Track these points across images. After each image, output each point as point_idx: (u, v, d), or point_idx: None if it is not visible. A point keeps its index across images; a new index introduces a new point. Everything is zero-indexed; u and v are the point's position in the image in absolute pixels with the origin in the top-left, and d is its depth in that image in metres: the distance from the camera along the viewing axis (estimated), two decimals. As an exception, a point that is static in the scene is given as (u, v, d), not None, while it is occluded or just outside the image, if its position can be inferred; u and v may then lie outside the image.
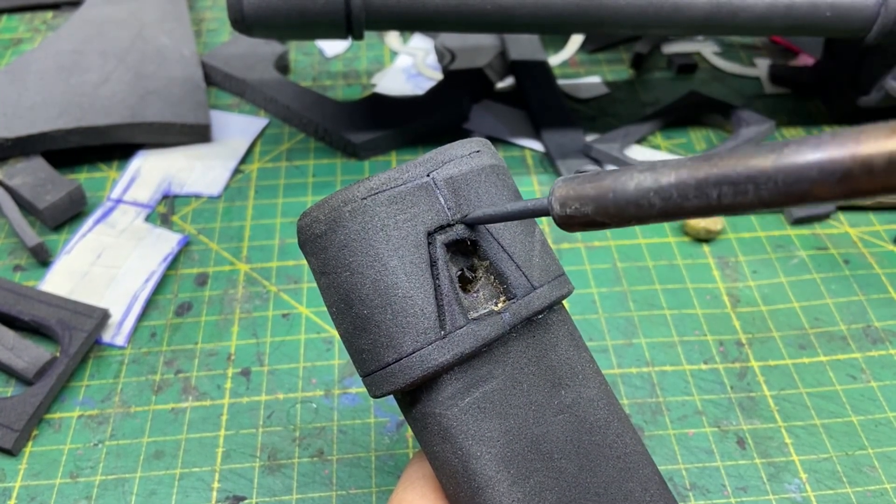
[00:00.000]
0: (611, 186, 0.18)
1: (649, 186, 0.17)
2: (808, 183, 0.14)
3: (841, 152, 0.14)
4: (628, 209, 0.17)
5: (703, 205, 0.16)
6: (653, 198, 0.17)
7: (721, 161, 0.16)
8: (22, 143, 0.48)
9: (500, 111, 0.55)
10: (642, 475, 0.24)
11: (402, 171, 0.23)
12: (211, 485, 0.36)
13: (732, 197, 0.15)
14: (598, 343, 0.41)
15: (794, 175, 0.14)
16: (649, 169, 0.17)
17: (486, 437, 0.22)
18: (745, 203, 0.15)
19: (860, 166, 0.13)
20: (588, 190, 0.18)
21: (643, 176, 0.17)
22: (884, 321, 0.42)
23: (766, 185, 0.15)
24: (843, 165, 0.14)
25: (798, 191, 0.14)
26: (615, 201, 0.17)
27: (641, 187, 0.17)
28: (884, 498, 0.35)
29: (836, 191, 0.14)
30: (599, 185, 0.18)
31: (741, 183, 0.15)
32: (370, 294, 0.22)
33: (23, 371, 0.38)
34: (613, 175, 0.18)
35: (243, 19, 0.41)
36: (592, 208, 0.18)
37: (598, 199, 0.18)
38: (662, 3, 0.43)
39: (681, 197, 0.16)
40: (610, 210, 0.18)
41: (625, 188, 0.17)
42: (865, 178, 0.13)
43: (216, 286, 0.44)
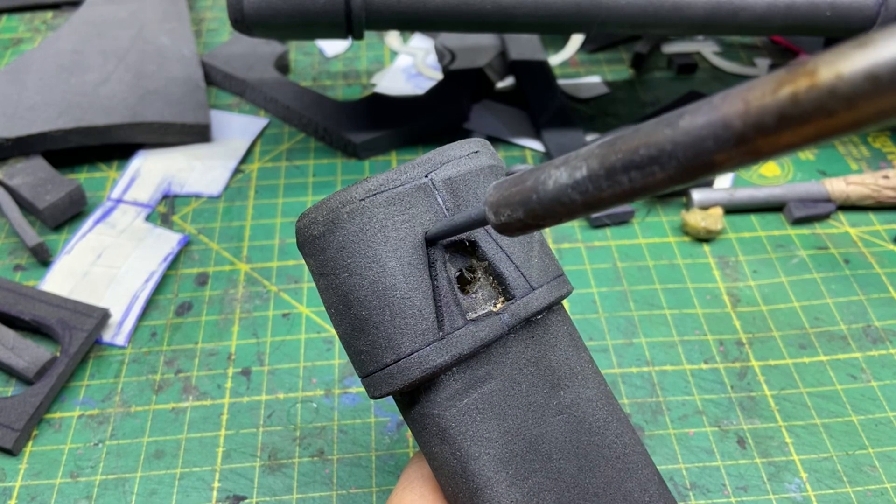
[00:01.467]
0: (533, 187, 0.17)
1: (566, 182, 0.16)
2: (709, 153, 0.13)
3: (730, 115, 0.13)
4: (554, 207, 0.17)
5: (618, 192, 0.15)
6: (572, 193, 0.16)
7: (623, 144, 0.15)
8: (22, 143, 0.48)
9: (500, 111, 0.55)
10: (641, 475, 0.24)
11: (400, 172, 0.23)
12: (211, 484, 0.36)
13: (643, 180, 0.15)
14: (598, 343, 0.41)
15: (693, 148, 0.13)
16: (563, 163, 0.16)
17: (484, 438, 0.22)
18: (656, 183, 0.14)
19: (752, 128, 0.12)
20: (514, 194, 0.18)
21: (559, 172, 0.16)
22: (884, 321, 0.42)
23: (670, 163, 0.14)
24: (735, 129, 0.12)
25: (701, 163, 0.13)
26: (540, 202, 0.17)
27: (559, 184, 0.16)
28: (884, 497, 0.35)
29: (738, 156, 0.13)
30: (523, 188, 0.17)
31: (646, 165, 0.14)
32: (368, 295, 0.22)
33: (23, 371, 0.38)
34: (534, 175, 0.17)
35: (243, 19, 0.41)
36: (523, 212, 0.17)
37: (525, 203, 0.17)
38: (662, 3, 0.43)
39: (596, 188, 0.15)
40: (538, 211, 0.17)
41: (545, 188, 0.17)
42: (761, 139, 0.12)
43: (216, 286, 0.44)
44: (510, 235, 0.19)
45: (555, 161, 0.17)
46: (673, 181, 0.14)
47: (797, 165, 0.51)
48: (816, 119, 0.11)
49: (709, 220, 0.45)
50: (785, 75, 0.12)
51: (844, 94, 0.11)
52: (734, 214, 0.47)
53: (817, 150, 0.52)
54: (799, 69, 0.12)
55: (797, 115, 0.12)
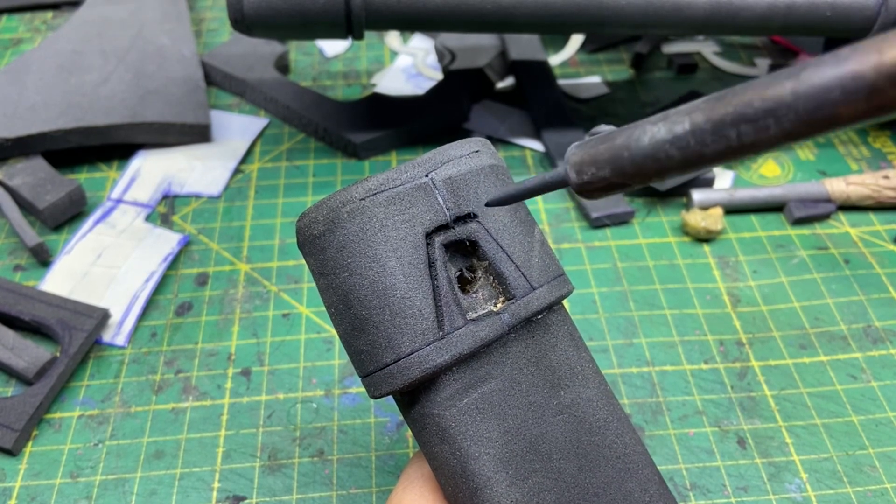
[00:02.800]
0: (625, 144, 0.17)
1: (664, 138, 0.16)
2: (833, 105, 0.13)
3: (863, 65, 0.12)
4: (646, 165, 0.16)
5: (723, 148, 0.15)
6: (669, 149, 0.16)
7: (735, 98, 0.14)
8: (22, 143, 0.48)
9: (500, 111, 0.55)
10: (642, 475, 0.24)
11: (400, 172, 0.23)
12: (211, 485, 0.36)
13: (754, 135, 0.14)
14: (598, 343, 0.41)
15: (817, 99, 0.13)
16: (662, 119, 0.16)
17: (484, 438, 0.22)
18: (768, 139, 0.14)
19: (886, 78, 0.12)
20: (602, 152, 0.17)
21: (656, 128, 0.16)
22: (884, 321, 0.42)
23: (788, 116, 0.14)
24: (867, 80, 0.12)
25: (823, 116, 0.13)
26: (632, 159, 0.16)
27: (656, 140, 0.16)
28: (884, 498, 0.35)
29: (865, 109, 0.13)
30: (612, 145, 0.17)
31: (760, 118, 0.14)
32: (368, 295, 0.22)
33: (23, 371, 0.38)
34: (626, 132, 0.17)
35: (243, 19, 0.41)
36: (610, 170, 0.17)
37: (613, 161, 0.17)
38: (662, 3, 0.43)
39: (698, 143, 0.15)
40: (628, 169, 0.17)
41: (639, 144, 0.16)
42: (894, 90, 0.12)
43: (216, 286, 0.44)
44: (589, 197, 0.18)
45: (651, 118, 0.16)
46: (787, 137, 0.14)
47: (797, 165, 0.51)
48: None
49: (709, 221, 0.45)
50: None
51: None
52: (734, 214, 0.47)
53: (817, 150, 0.52)
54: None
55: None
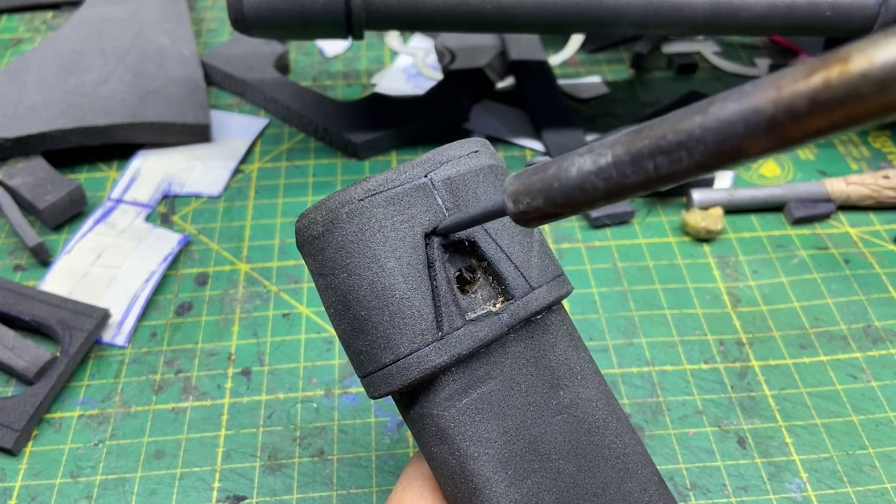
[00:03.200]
0: (555, 175, 0.17)
1: (589, 169, 0.16)
2: (738, 139, 0.13)
3: (762, 100, 0.13)
4: (574, 195, 0.17)
5: (642, 179, 0.15)
6: (595, 180, 0.16)
7: (651, 131, 0.15)
8: (22, 143, 0.48)
9: (500, 111, 0.55)
10: (641, 475, 0.24)
11: (399, 172, 0.23)
12: (211, 484, 0.36)
13: (669, 167, 0.15)
14: (598, 343, 0.41)
15: (722, 133, 0.14)
16: (588, 151, 0.16)
17: (483, 438, 0.22)
18: (682, 171, 0.15)
19: (784, 112, 0.13)
20: (535, 182, 0.18)
21: (583, 159, 0.16)
22: (884, 321, 0.42)
23: (697, 148, 0.14)
24: (766, 114, 0.13)
25: (730, 149, 0.14)
26: (562, 190, 0.17)
27: (583, 171, 0.16)
28: (884, 497, 0.35)
29: (767, 143, 0.13)
30: (544, 175, 0.18)
31: (673, 151, 0.15)
32: (367, 295, 0.22)
33: (23, 371, 0.38)
34: (557, 163, 0.17)
35: (243, 19, 0.41)
36: (542, 200, 0.18)
37: (545, 191, 0.18)
38: (662, 3, 0.43)
39: (620, 175, 0.16)
40: (559, 199, 0.17)
41: (568, 175, 0.17)
42: (792, 125, 0.13)
43: (216, 286, 0.44)
44: (527, 226, 0.19)
45: (579, 150, 0.17)
46: (699, 168, 0.14)
47: (797, 165, 0.51)
48: (848, 103, 0.12)
49: (709, 220, 0.45)
50: (817, 63, 0.12)
51: (876, 79, 0.12)
52: (734, 214, 0.47)
53: (817, 150, 0.52)
54: (831, 57, 0.12)
55: (829, 100, 0.12)
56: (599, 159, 0.16)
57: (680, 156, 0.15)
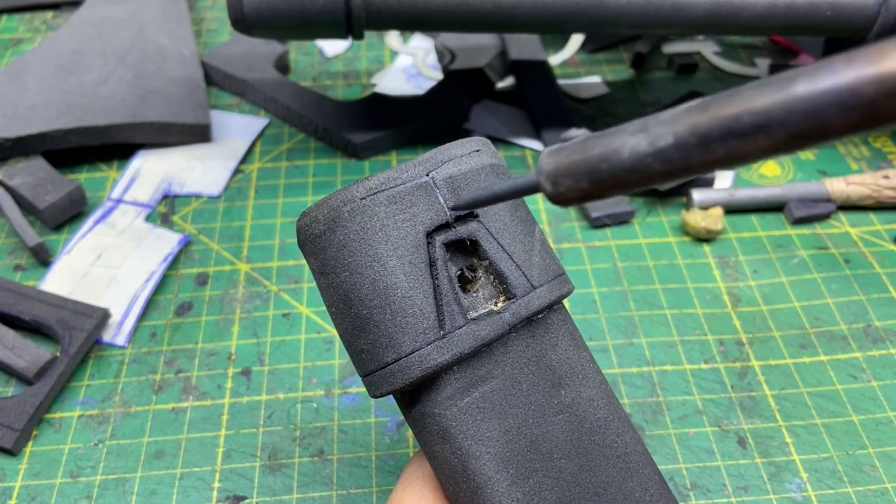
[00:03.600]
0: (603, 156, 0.16)
1: (645, 151, 0.15)
2: (827, 119, 0.13)
3: (861, 80, 0.12)
4: (627, 178, 0.16)
5: (710, 160, 0.14)
6: (652, 163, 0.15)
7: (721, 110, 0.14)
8: (22, 143, 0.48)
9: (500, 111, 0.55)
10: (642, 475, 0.24)
11: (401, 171, 0.23)
12: (211, 484, 0.36)
13: (743, 148, 0.14)
14: (598, 342, 0.41)
15: (811, 116, 0.13)
16: (641, 130, 0.15)
17: (485, 437, 0.22)
18: (758, 152, 0.14)
19: (885, 92, 0.12)
20: (578, 163, 0.16)
21: (635, 140, 0.15)
22: (884, 321, 0.42)
23: (779, 131, 0.13)
24: (865, 97, 0.12)
25: (817, 131, 0.13)
26: (611, 172, 0.16)
27: (637, 153, 0.15)
28: (884, 497, 0.35)
29: (860, 122, 0.12)
30: (589, 156, 0.16)
31: (750, 134, 0.13)
32: (369, 294, 0.22)
33: (23, 371, 0.38)
34: (603, 142, 0.16)
35: (243, 19, 0.41)
36: (588, 182, 0.16)
37: (591, 173, 0.16)
38: (662, 2, 0.43)
39: (684, 158, 0.14)
40: (607, 182, 0.16)
41: (619, 156, 0.16)
42: (889, 103, 0.12)
43: (216, 286, 0.44)
44: (564, 206, 0.18)
45: (627, 127, 0.16)
46: (778, 150, 0.14)
47: (797, 165, 0.51)
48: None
49: (709, 220, 0.45)
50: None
51: None
52: (734, 214, 0.47)
53: (817, 150, 0.52)
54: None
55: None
56: (658, 140, 0.15)
57: (757, 139, 0.14)
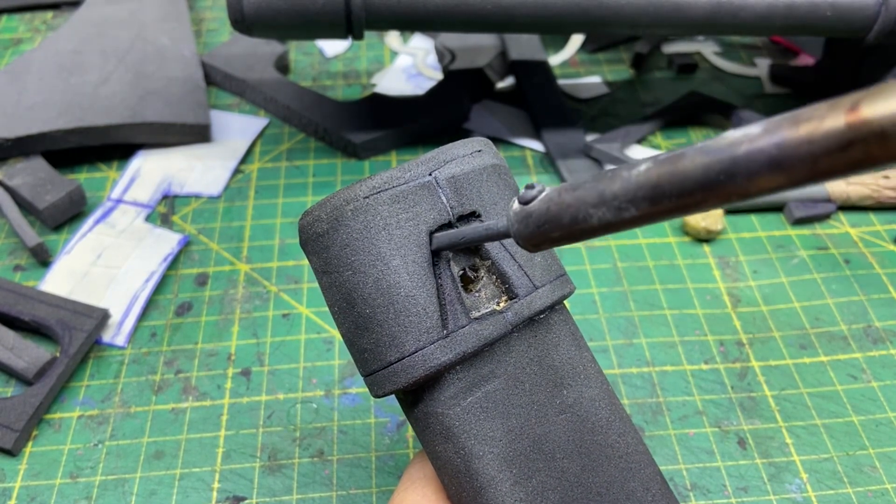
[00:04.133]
0: (573, 223, 0.17)
1: (611, 219, 0.16)
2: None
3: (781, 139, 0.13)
4: (596, 234, 0.17)
5: (658, 217, 0.16)
6: (617, 224, 0.17)
7: (672, 184, 0.15)
8: (22, 143, 0.48)
9: (500, 111, 0.55)
10: (644, 475, 0.24)
11: (404, 171, 0.23)
12: (211, 485, 0.35)
13: (682, 212, 0.16)
14: (598, 343, 0.41)
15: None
16: (601, 203, 0.16)
17: (488, 437, 0.22)
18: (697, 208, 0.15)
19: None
20: (552, 230, 0.18)
21: (600, 212, 0.16)
22: (884, 321, 0.42)
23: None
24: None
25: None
26: (582, 233, 0.17)
27: (604, 220, 0.17)
28: (885, 498, 0.35)
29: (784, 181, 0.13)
30: (560, 223, 0.18)
31: (693, 206, 0.15)
32: (372, 293, 0.22)
33: (23, 371, 0.38)
34: (569, 212, 0.17)
35: (243, 19, 0.41)
36: (559, 237, 0.18)
37: (564, 236, 0.18)
38: (663, 3, 0.43)
39: (643, 218, 0.16)
40: (576, 237, 0.18)
41: (588, 223, 0.17)
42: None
43: (216, 286, 0.44)
44: (535, 252, 0.19)
45: (587, 198, 0.17)
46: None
47: (797, 166, 0.51)
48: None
49: (709, 221, 0.45)
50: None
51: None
52: (734, 214, 0.47)
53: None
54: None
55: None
56: (623, 213, 0.16)
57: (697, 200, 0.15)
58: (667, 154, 0.15)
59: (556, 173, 0.50)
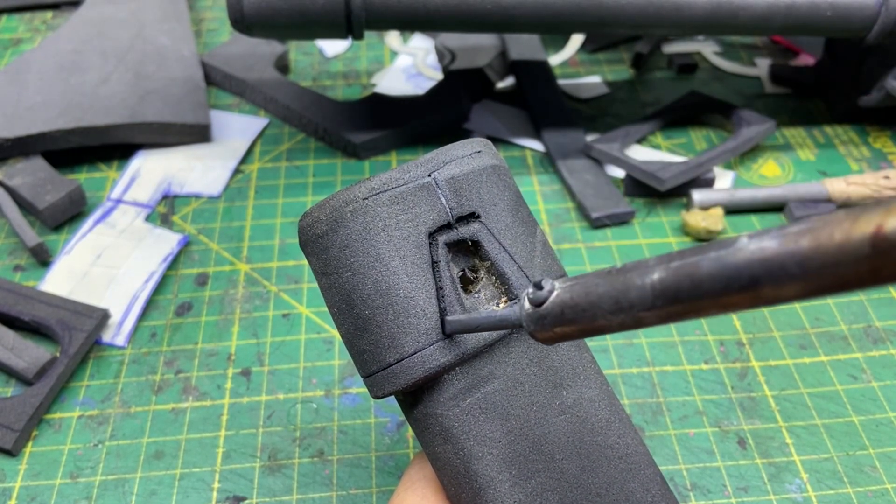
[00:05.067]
0: (589, 327, 0.18)
1: (623, 321, 0.17)
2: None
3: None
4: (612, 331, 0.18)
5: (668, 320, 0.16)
6: (634, 325, 0.17)
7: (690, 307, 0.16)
8: (22, 143, 0.48)
9: (500, 111, 0.55)
10: (644, 475, 0.24)
11: (403, 172, 0.23)
12: (211, 485, 0.35)
13: (695, 316, 0.16)
14: (598, 343, 0.41)
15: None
16: (617, 311, 0.17)
17: (487, 438, 0.22)
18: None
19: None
20: (572, 333, 0.18)
21: (617, 318, 0.17)
22: (884, 321, 0.42)
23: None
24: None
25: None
26: (598, 331, 0.18)
27: (618, 322, 0.17)
28: (885, 498, 0.35)
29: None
30: (580, 327, 0.18)
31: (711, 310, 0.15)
32: (372, 294, 0.22)
33: (23, 371, 0.38)
34: (586, 318, 0.18)
35: (243, 19, 0.41)
36: (576, 334, 0.18)
37: (581, 336, 0.18)
38: (663, 2, 0.43)
39: (660, 320, 0.16)
40: (592, 334, 0.18)
41: (607, 326, 0.17)
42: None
43: (216, 286, 0.44)
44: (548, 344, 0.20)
45: (603, 305, 0.17)
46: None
47: (798, 166, 0.51)
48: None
49: (709, 221, 0.45)
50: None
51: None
52: (735, 215, 0.47)
53: (818, 151, 0.52)
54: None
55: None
56: (643, 321, 0.17)
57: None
58: (680, 261, 0.15)
59: (556, 173, 0.50)
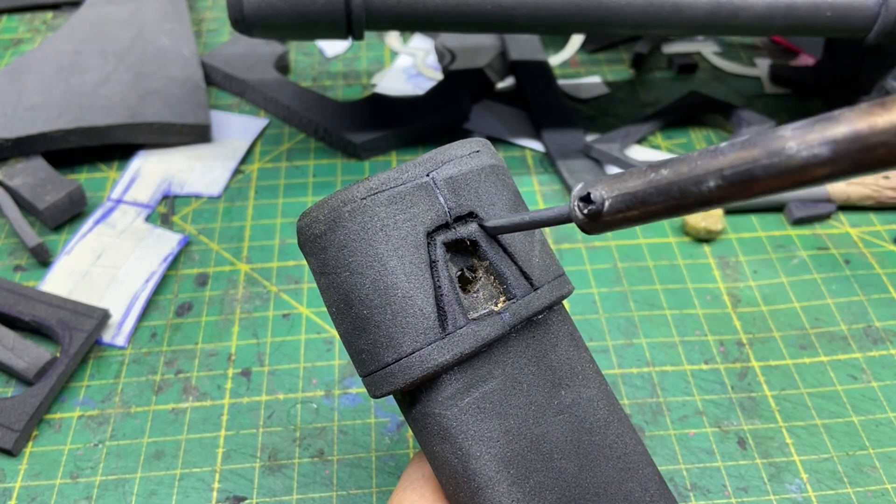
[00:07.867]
0: (678, 190, 0.18)
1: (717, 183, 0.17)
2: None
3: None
4: (686, 203, 0.18)
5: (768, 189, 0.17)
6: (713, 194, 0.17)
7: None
8: (22, 143, 0.48)
9: (500, 111, 0.55)
10: (642, 475, 0.24)
11: (401, 171, 0.23)
12: (211, 485, 0.36)
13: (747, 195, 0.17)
14: (598, 343, 0.41)
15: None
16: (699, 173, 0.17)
17: (485, 437, 0.22)
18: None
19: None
20: (644, 192, 0.18)
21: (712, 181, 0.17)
22: (884, 321, 0.42)
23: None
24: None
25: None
26: (680, 195, 0.18)
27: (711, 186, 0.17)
28: (885, 498, 0.35)
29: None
30: (660, 184, 0.18)
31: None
32: (370, 294, 0.22)
33: (23, 371, 0.38)
34: (674, 172, 0.18)
35: (243, 19, 0.41)
36: (639, 210, 0.18)
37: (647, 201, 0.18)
38: (663, 3, 0.43)
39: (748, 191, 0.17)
40: (660, 211, 0.18)
41: (696, 189, 0.18)
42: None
43: (216, 286, 0.44)
44: (593, 234, 0.20)
45: (691, 175, 0.17)
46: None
47: (797, 166, 0.51)
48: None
49: (709, 221, 0.45)
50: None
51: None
52: (734, 215, 0.47)
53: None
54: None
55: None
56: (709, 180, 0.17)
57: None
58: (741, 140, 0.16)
59: (556, 173, 0.50)
